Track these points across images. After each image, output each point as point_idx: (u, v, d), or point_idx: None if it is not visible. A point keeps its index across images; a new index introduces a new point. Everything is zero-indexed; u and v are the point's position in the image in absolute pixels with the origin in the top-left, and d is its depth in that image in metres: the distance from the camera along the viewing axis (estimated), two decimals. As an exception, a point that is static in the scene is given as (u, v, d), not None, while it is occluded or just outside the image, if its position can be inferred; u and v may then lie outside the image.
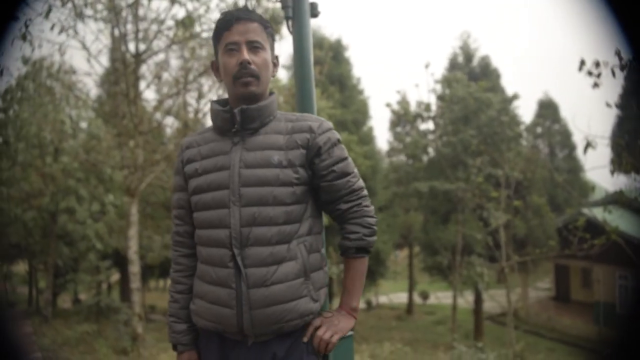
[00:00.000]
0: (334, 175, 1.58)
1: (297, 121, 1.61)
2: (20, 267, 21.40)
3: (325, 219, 1.80)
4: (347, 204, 1.60)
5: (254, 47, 1.56)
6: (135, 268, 8.42)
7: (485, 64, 22.42)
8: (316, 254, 1.61)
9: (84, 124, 13.84)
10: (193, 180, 1.62)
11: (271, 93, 1.66)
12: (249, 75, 1.55)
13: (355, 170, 1.65)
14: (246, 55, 1.54)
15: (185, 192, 1.66)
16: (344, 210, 1.61)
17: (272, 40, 1.65)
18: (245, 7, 1.67)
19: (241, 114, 1.56)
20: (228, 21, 1.57)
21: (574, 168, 24.93)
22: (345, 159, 1.62)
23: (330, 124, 1.64)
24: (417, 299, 25.77)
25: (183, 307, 1.68)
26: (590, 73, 4.19)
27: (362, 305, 24.63)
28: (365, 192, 1.65)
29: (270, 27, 1.64)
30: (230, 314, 1.50)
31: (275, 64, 1.69)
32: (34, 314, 15.38)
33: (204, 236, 1.59)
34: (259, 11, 8.07)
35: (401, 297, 27.21)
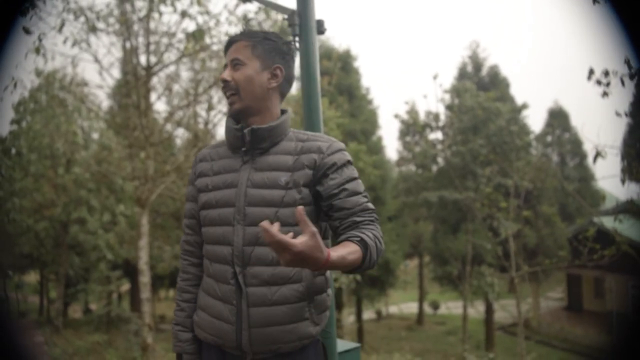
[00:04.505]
0: (346, 194, 1.52)
1: (307, 141, 1.58)
2: (32, 277, 21.56)
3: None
4: (361, 218, 1.51)
5: (234, 65, 1.58)
6: (145, 278, 8.46)
7: (494, 73, 22.37)
8: (321, 277, 1.59)
9: (95, 136, 14.02)
10: (203, 194, 1.63)
11: (285, 111, 1.64)
12: (228, 91, 1.57)
13: (365, 192, 1.58)
14: (224, 73, 1.58)
15: (197, 204, 1.67)
16: (358, 222, 1.49)
17: (269, 54, 1.59)
18: (247, 29, 1.68)
19: (251, 134, 1.55)
20: (225, 47, 1.62)
21: (585, 177, 24.75)
22: (356, 178, 1.57)
23: (341, 145, 1.60)
24: (427, 309, 25.54)
25: (189, 316, 1.69)
26: (599, 82, 4.17)
27: (372, 315, 24.50)
28: (376, 215, 1.55)
29: (261, 42, 1.59)
30: (230, 329, 1.52)
31: (276, 75, 1.60)
32: (45, 323, 15.46)
33: (210, 251, 1.61)
34: (268, 23, 8.13)
35: (411, 307, 27.01)
